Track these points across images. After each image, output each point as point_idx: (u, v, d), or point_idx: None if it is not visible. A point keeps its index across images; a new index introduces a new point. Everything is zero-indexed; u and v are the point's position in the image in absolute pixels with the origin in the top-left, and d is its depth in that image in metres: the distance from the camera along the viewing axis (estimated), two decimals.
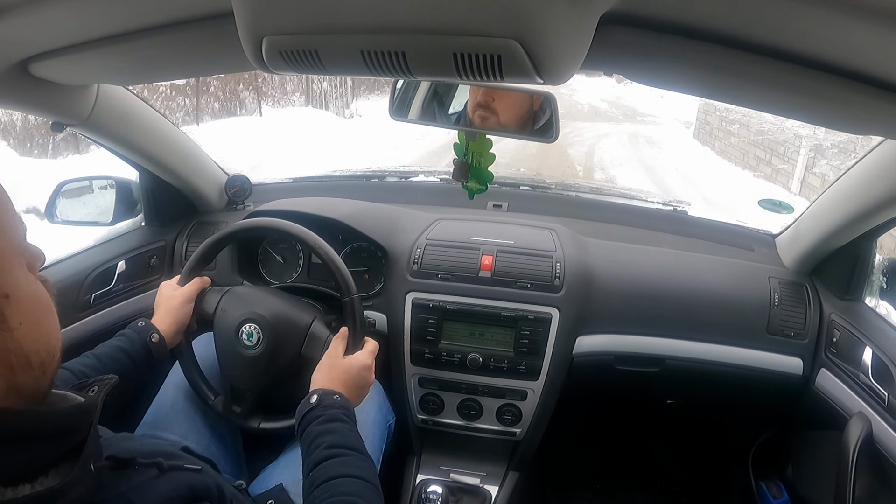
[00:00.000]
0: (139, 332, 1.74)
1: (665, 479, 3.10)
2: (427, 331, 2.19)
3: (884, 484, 1.82)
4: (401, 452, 2.33)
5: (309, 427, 1.50)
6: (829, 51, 0.91)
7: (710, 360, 2.20)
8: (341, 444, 1.45)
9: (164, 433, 1.82)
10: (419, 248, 2.25)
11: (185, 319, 1.87)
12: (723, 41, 0.94)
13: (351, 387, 1.66)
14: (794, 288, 2.23)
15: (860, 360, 1.95)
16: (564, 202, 2.91)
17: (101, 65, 1.46)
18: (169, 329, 1.81)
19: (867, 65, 0.94)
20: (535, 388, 2.20)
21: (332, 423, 1.50)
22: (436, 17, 0.82)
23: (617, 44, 0.98)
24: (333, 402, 1.55)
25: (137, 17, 1.18)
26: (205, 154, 2.51)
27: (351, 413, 1.57)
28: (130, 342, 1.71)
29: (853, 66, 0.95)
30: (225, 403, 1.89)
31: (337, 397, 1.57)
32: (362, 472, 1.41)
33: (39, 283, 0.89)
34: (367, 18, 0.87)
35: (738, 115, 15.74)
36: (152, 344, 1.73)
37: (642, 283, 2.24)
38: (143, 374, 1.72)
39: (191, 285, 1.91)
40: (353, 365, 1.70)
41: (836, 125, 1.30)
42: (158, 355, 1.74)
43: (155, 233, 2.45)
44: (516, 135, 1.99)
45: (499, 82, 0.91)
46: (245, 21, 0.94)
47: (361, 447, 1.49)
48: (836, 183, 1.98)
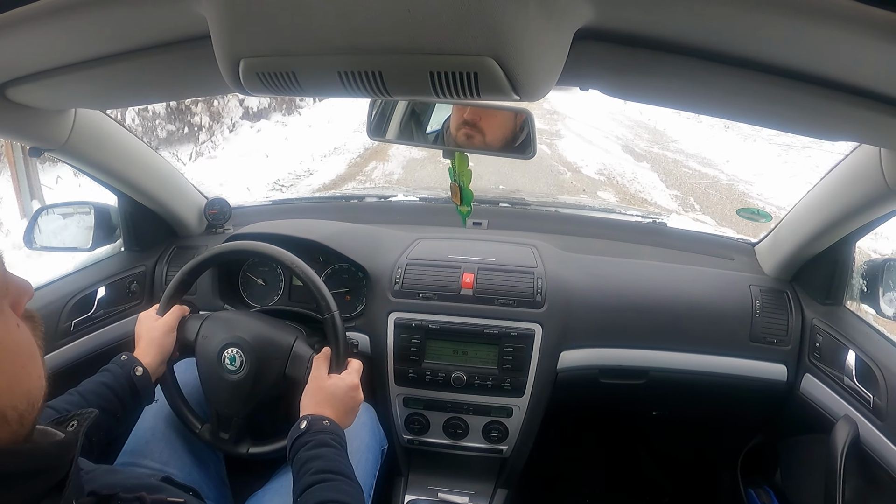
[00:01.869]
0: (122, 367, 1.70)
1: (654, 491, 3.09)
2: (410, 350, 2.18)
3: (873, 485, 1.84)
4: (388, 473, 2.31)
5: (298, 453, 1.50)
6: (802, 59, 0.93)
7: (694, 371, 2.21)
8: (328, 468, 1.44)
9: (146, 461, 1.79)
10: (400, 267, 2.24)
11: (168, 350, 1.84)
12: (697, 54, 0.96)
13: (340, 409, 1.65)
14: (775, 295, 2.23)
15: (844, 363, 1.96)
16: (544, 218, 2.92)
17: (78, 89, 1.45)
18: (153, 361, 1.77)
19: (839, 72, 0.95)
20: (520, 404, 2.19)
21: (321, 449, 1.49)
22: (411, 37, 0.82)
23: (592, 59, 0.99)
24: (323, 427, 1.55)
25: (114, 42, 1.17)
26: (183, 178, 2.49)
27: (340, 437, 1.56)
28: (114, 377, 1.67)
29: (826, 74, 0.96)
30: (212, 431, 1.86)
31: (326, 423, 1.56)
32: (348, 496, 1.40)
33: (23, 324, 0.84)
34: (344, 39, 0.86)
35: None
36: (136, 378, 1.69)
37: (624, 296, 2.24)
38: (129, 410, 1.69)
39: (171, 314, 1.88)
40: (340, 386, 1.69)
41: (811, 132, 1.32)
42: (143, 389, 1.71)
43: (135, 258, 2.43)
44: (496, 152, 2.00)
45: (476, 100, 0.92)
46: (222, 43, 0.93)
47: (349, 472, 1.48)
48: (813, 189, 1.99)
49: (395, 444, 2.31)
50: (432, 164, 11.51)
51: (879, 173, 1.54)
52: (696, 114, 1.77)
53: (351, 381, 1.71)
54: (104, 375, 1.68)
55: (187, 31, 1.09)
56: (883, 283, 1.95)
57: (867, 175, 1.62)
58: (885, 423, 1.76)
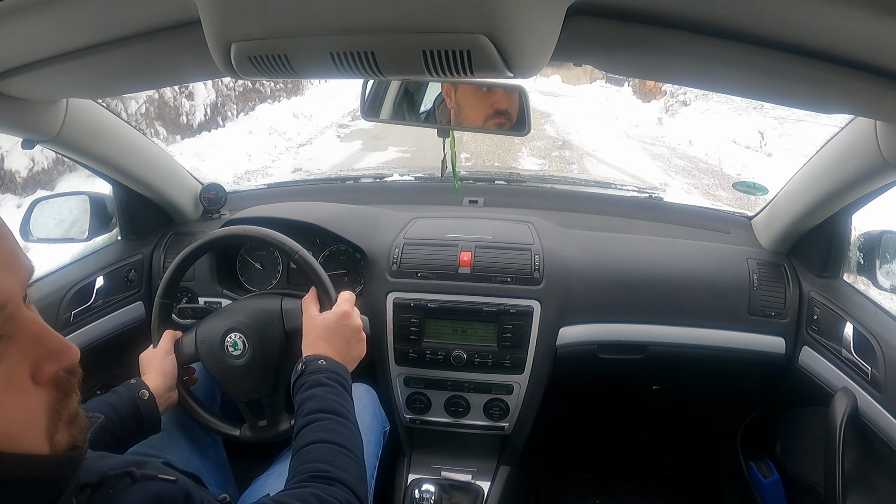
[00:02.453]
0: (129, 389, 1.69)
1: (655, 465, 3.10)
2: (410, 330, 2.18)
3: (871, 456, 1.85)
4: (391, 453, 2.30)
5: (296, 396, 1.51)
6: (796, 32, 0.93)
7: (693, 344, 2.21)
8: (319, 408, 1.45)
9: (143, 448, 1.75)
10: (397, 247, 2.23)
11: (171, 371, 1.82)
12: (690, 28, 0.96)
13: (337, 342, 1.65)
14: (772, 268, 2.23)
15: (841, 335, 1.96)
16: (540, 195, 2.92)
17: (69, 79, 1.43)
18: (158, 386, 1.75)
19: (834, 45, 0.95)
20: (520, 381, 2.19)
21: (313, 389, 1.50)
22: (404, 16, 0.81)
23: (585, 35, 0.99)
24: (318, 367, 1.55)
25: (104, 30, 1.16)
26: (177, 164, 2.48)
27: (336, 374, 1.56)
28: (119, 397, 1.66)
29: (820, 47, 0.96)
30: (251, 427, 1.86)
31: (322, 361, 1.57)
32: (335, 435, 1.41)
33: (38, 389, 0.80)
34: (335, 20, 0.85)
35: None
36: (141, 400, 1.67)
37: (621, 271, 2.24)
38: (130, 432, 1.66)
39: (163, 340, 1.86)
40: (330, 318, 1.69)
41: (807, 105, 1.32)
42: (146, 412, 1.68)
43: (132, 246, 2.42)
44: (490, 130, 2.00)
45: (469, 78, 0.91)
46: (212, 28, 0.92)
47: (341, 409, 1.48)
48: (809, 162, 1.99)
49: (397, 423, 2.31)
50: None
51: (875, 146, 1.53)
52: (690, 87, 1.77)
53: (340, 311, 1.70)
54: (110, 395, 1.67)
55: (177, 16, 1.09)
56: (880, 255, 1.95)
57: (863, 148, 1.61)
58: (883, 395, 1.76)
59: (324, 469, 1.33)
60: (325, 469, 1.33)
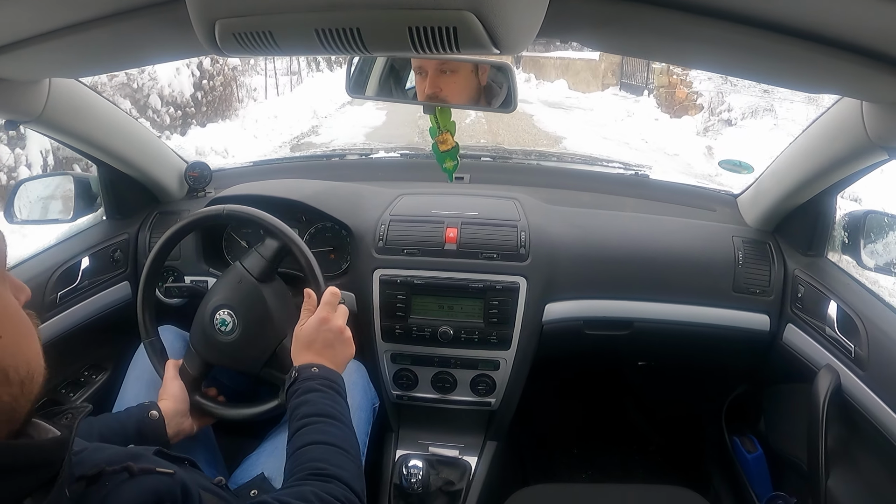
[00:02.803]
0: (140, 409, 1.69)
1: (641, 440, 3.12)
2: (396, 306, 2.17)
3: (854, 433, 1.88)
4: (378, 429, 2.30)
5: (290, 402, 1.51)
6: (785, 12, 0.93)
7: (678, 321, 2.22)
8: (313, 412, 1.45)
9: None
10: (384, 224, 2.22)
11: (181, 395, 1.80)
12: (677, 6, 0.95)
13: (322, 349, 1.65)
14: (757, 246, 2.24)
15: (825, 313, 1.97)
16: (526, 171, 2.92)
17: (51, 58, 1.41)
18: (168, 409, 1.73)
19: (821, 25, 0.95)
20: (506, 357, 2.19)
21: (307, 395, 1.50)
22: None
23: (571, 11, 0.99)
24: (311, 374, 1.55)
25: (87, 7, 1.14)
26: (162, 143, 2.45)
27: (329, 380, 1.56)
28: (128, 415, 1.66)
29: (808, 27, 0.96)
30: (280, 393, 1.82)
31: (315, 369, 1.56)
32: (330, 437, 1.41)
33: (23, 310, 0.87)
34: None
35: None
36: (149, 420, 1.67)
37: (607, 247, 2.24)
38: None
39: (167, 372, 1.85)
40: (312, 326, 1.67)
41: (793, 85, 1.32)
42: (152, 433, 1.66)
43: (117, 226, 2.40)
44: (477, 107, 1.99)
45: (455, 54, 0.91)
46: (196, 5, 0.91)
47: (335, 412, 1.48)
48: (795, 141, 1.99)
49: (385, 399, 2.31)
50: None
51: (861, 126, 1.53)
52: (677, 65, 1.77)
53: (319, 317, 1.69)
54: (122, 413, 1.69)
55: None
56: (864, 234, 1.95)
57: (849, 128, 1.61)
58: (865, 373, 1.77)
59: (321, 467, 1.33)
60: (323, 467, 1.33)
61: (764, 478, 2.43)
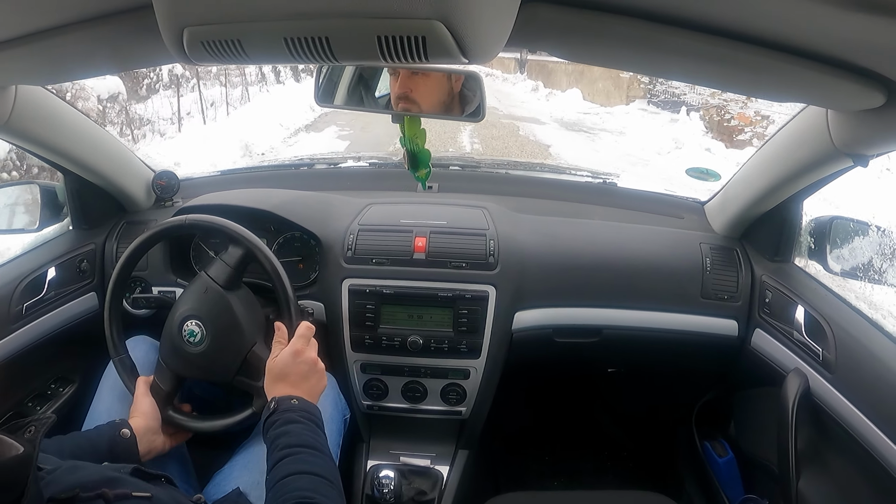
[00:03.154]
0: (111, 427, 1.66)
1: (613, 447, 3.12)
2: (365, 316, 2.16)
3: (823, 435, 1.90)
4: (350, 440, 2.29)
5: (268, 433, 1.51)
6: (751, 22, 0.94)
7: (647, 328, 2.23)
8: (295, 443, 1.44)
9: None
10: (352, 233, 2.21)
11: (153, 412, 1.78)
12: (645, 16, 0.95)
13: (297, 381, 1.65)
14: (724, 252, 2.26)
15: (793, 318, 2.00)
16: (494, 180, 2.92)
17: (17, 66, 1.39)
18: (140, 427, 1.71)
19: (788, 35, 0.96)
20: (477, 366, 2.19)
21: (287, 426, 1.49)
22: (358, 1, 0.80)
23: (540, 21, 0.98)
24: (290, 406, 1.55)
25: (53, 14, 1.11)
26: (129, 151, 2.42)
27: (309, 413, 1.56)
28: (99, 434, 1.64)
29: (775, 37, 0.97)
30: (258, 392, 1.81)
31: (294, 401, 1.56)
32: (315, 467, 1.40)
33: None
34: (289, 4, 0.83)
35: None
36: (120, 438, 1.64)
37: (576, 255, 2.25)
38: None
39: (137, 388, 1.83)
40: (285, 359, 1.67)
41: (759, 93, 1.33)
42: (123, 451, 1.63)
43: (83, 236, 2.36)
44: (445, 116, 1.99)
45: (424, 63, 0.90)
46: (165, 12, 0.89)
47: (317, 444, 1.48)
48: (762, 149, 2.02)
49: (355, 410, 2.30)
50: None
51: (826, 133, 1.55)
52: (645, 75, 1.78)
53: (292, 350, 1.69)
54: (92, 431, 1.66)
55: (129, 1, 1.06)
56: (830, 240, 2.00)
57: (814, 135, 1.64)
58: (834, 376, 1.80)
59: (307, 496, 1.32)
60: (309, 496, 1.33)
61: (735, 481, 2.45)
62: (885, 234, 1.89)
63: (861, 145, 1.49)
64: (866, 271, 1.89)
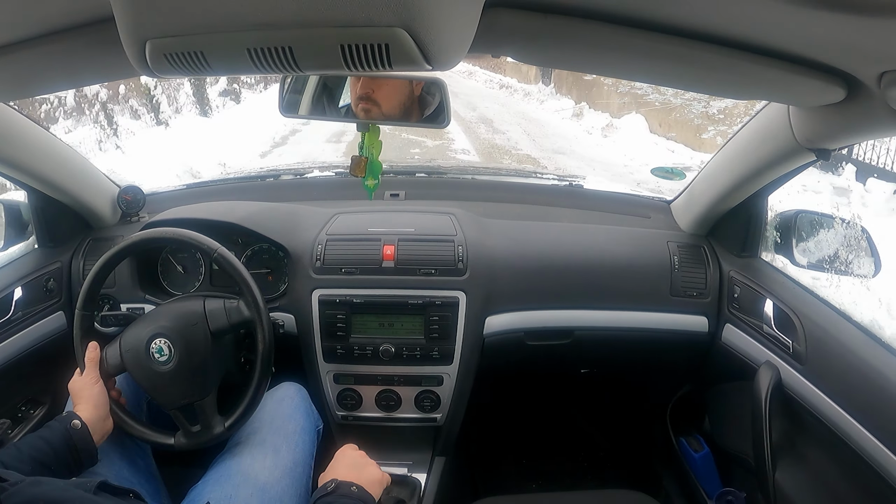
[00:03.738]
0: (61, 422, 1.62)
1: (589, 447, 3.12)
2: (336, 326, 2.15)
3: (797, 425, 1.93)
4: (325, 451, 2.30)
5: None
6: (712, 22, 0.95)
7: (618, 327, 2.24)
8: None
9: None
10: (320, 244, 2.20)
11: (103, 399, 1.74)
12: (607, 19, 0.96)
13: (359, 472, 1.61)
14: (692, 250, 2.28)
15: (762, 312, 2.02)
16: (461, 186, 2.92)
17: None
18: (91, 416, 1.67)
19: (746, 33, 0.98)
20: (449, 372, 2.18)
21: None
22: (320, 10, 0.77)
23: (504, 26, 0.99)
24: (349, 492, 1.51)
25: (13, 29, 1.11)
26: (93, 167, 2.38)
27: (364, 502, 1.53)
28: (51, 431, 1.59)
29: (734, 35, 0.99)
30: (185, 433, 1.81)
31: (354, 489, 1.53)
32: None
33: None
34: (252, 15, 0.82)
35: None
36: (74, 431, 1.61)
37: (545, 258, 2.25)
38: (66, 463, 1.58)
39: (88, 367, 1.79)
40: (356, 455, 1.68)
41: (722, 92, 1.36)
42: (81, 443, 1.61)
43: (49, 254, 2.32)
44: (407, 123, 1.98)
45: (388, 71, 0.90)
46: (126, 25, 0.87)
47: None
48: (725, 147, 2.04)
49: (330, 421, 2.28)
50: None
51: (788, 129, 1.58)
52: (608, 77, 1.79)
53: (362, 452, 1.71)
54: (44, 430, 1.61)
55: (90, 14, 1.04)
56: (796, 234, 2.02)
57: (777, 132, 1.66)
58: (804, 367, 1.83)
59: None
60: None
61: (712, 475, 2.46)
62: (850, 226, 1.91)
63: (823, 140, 1.51)
64: (832, 263, 1.91)
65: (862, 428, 1.60)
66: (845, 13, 0.82)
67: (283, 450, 1.84)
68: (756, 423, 1.94)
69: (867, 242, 1.89)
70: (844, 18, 0.83)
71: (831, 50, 1.02)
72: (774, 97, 1.49)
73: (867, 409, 1.62)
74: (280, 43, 0.86)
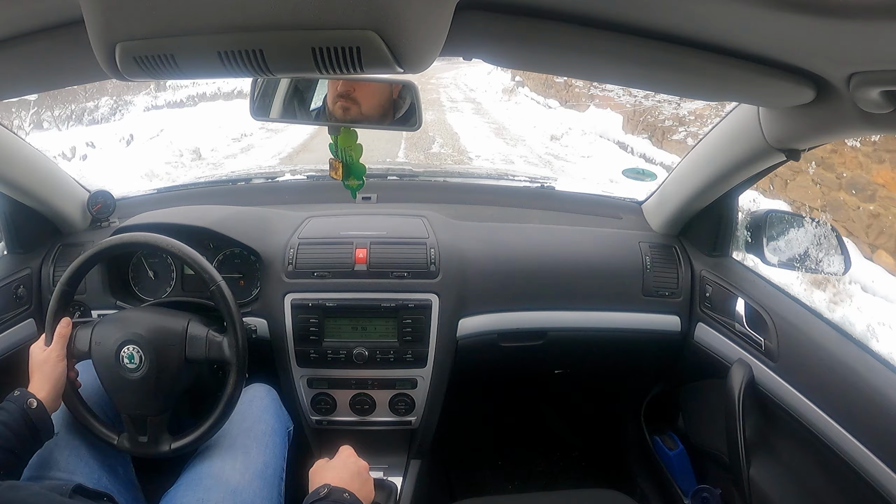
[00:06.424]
0: (16, 402, 1.57)
1: (564, 447, 3.11)
2: (309, 330, 2.12)
3: (770, 421, 1.95)
4: (300, 454, 2.27)
5: None
6: (682, 24, 0.95)
7: (591, 328, 2.24)
8: None
9: (52, 472, 1.67)
10: (292, 247, 2.17)
11: (61, 380, 1.70)
12: (578, 21, 0.96)
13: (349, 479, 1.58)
14: (663, 250, 2.28)
15: (734, 310, 2.04)
16: (433, 188, 2.90)
17: None
18: (48, 395, 1.63)
19: (718, 36, 0.98)
20: (423, 374, 2.16)
21: None
22: (292, 13, 0.77)
23: (475, 29, 0.98)
24: (342, 497, 1.48)
25: None
26: (62, 172, 2.31)
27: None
28: (8, 413, 1.54)
29: (706, 38, 0.99)
30: (130, 438, 1.75)
31: (346, 495, 1.50)
32: None
33: None
34: (222, 18, 0.79)
35: None
36: (31, 411, 1.57)
37: (517, 260, 2.24)
38: (28, 445, 1.56)
39: (56, 342, 1.74)
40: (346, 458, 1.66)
41: (691, 94, 1.37)
42: (40, 422, 1.57)
43: (18, 261, 2.26)
44: (379, 125, 1.97)
45: (360, 74, 0.89)
46: (96, 28, 0.84)
47: None
48: (696, 148, 2.04)
49: (304, 425, 2.25)
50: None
51: (758, 130, 1.59)
52: (580, 79, 1.80)
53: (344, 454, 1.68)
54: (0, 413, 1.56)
55: (59, 16, 1.01)
56: (766, 233, 2.03)
57: (747, 132, 1.68)
58: (776, 364, 1.84)
59: None
60: None
61: (687, 473, 2.46)
62: (819, 224, 1.93)
63: (793, 140, 1.53)
64: (802, 261, 1.92)
65: (833, 422, 1.62)
66: (813, 15, 0.81)
67: (254, 452, 1.81)
68: (730, 421, 1.95)
69: (837, 240, 1.90)
70: (813, 20, 0.83)
71: (800, 52, 1.02)
72: (744, 98, 1.50)
73: (838, 405, 1.63)
74: (251, 46, 0.85)
